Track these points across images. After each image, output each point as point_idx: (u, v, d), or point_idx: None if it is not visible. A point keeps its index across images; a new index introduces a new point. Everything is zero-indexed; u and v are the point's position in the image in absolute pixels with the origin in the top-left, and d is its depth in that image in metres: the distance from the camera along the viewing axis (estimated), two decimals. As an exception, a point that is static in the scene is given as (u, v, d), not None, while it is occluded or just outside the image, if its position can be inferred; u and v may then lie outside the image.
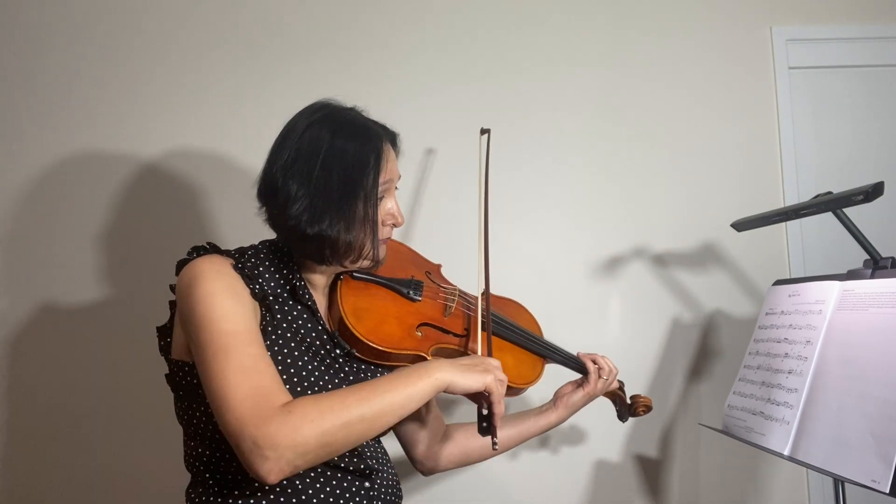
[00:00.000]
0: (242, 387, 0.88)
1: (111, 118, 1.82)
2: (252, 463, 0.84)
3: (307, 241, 1.04)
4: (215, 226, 1.81)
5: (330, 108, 1.11)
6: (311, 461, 0.88)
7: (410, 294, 1.19)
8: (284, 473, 0.85)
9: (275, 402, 0.87)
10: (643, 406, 1.43)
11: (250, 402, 0.86)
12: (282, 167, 1.04)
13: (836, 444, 1.09)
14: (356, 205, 1.05)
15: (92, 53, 1.84)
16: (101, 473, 1.74)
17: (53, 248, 1.78)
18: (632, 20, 1.93)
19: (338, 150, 1.05)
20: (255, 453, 0.84)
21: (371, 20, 1.89)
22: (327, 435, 0.87)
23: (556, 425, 1.37)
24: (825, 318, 1.23)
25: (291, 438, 0.84)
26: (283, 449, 0.84)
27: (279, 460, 0.84)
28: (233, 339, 0.92)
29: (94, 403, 1.76)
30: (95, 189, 1.80)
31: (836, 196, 1.27)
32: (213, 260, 1.02)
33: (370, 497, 1.06)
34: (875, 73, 1.97)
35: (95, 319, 1.77)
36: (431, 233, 1.83)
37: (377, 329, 1.10)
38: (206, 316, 0.94)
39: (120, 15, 1.85)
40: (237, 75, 1.85)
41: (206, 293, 0.95)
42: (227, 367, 0.89)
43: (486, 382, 1.00)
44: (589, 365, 1.35)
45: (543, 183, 1.88)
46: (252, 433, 0.84)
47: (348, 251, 1.07)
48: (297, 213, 1.02)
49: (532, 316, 1.43)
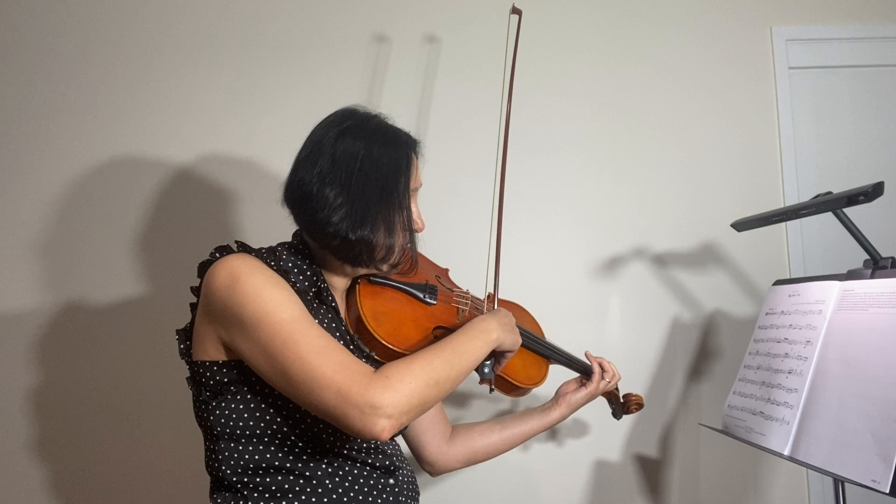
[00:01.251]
0: (328, 364, 0.91)
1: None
2: (365, 425, 0.89)
3: (349, 245, 1.06)
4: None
5: (358, 116, 1.13)
6: (412, 417, 0.95)
7: (426, 298, 1.21)
8: (395, 429, 0.91)
9: (364, 370, 0.92)
10: (635, 404, 1.49)
11: (343, 374, 0.91)
12: (318, 175, 1.06)
13: (836, 443, 1.09)
14: (393, 210, 1.08)
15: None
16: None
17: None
18: (631, 20, 1.93)
19: (374, 158, 1.08)
20: (368, 414, 0.89)
21: (369, 18, 1.89)
22: (423, 393, 0.94)
23: (558, 422, 1.42)
24: (825, 318, 1.23)
25: (397, 400, 0.90)
26: (391, 407, 0.90)
27: (390, 418, 0.90)
28: (295, 325, 0.94)
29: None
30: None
31: (836, 196, 1.27)
32: (246, 257, 1.02)
33: (395, 493, 1.08)
34: (875, 73, 1.97)
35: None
36: (439, 234, 1.83)
37: (396, 332, 1.12)
38: (259, 310, 0.95)
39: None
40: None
41: (252, 288, 0.96)
42: (304, 351, 0.92)
43: (518, 345, 1.16)
44: (595, 366, 1.42)
45: (543, 183, 1.88)
46: (358, 400, 0.89)
47: (388, 255, 1.10)
48: (339, 220, 1.05)
49: (534, 319, 1.46)
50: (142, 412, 1.76)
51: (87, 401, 1.76)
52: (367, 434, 0.90)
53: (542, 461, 1.82)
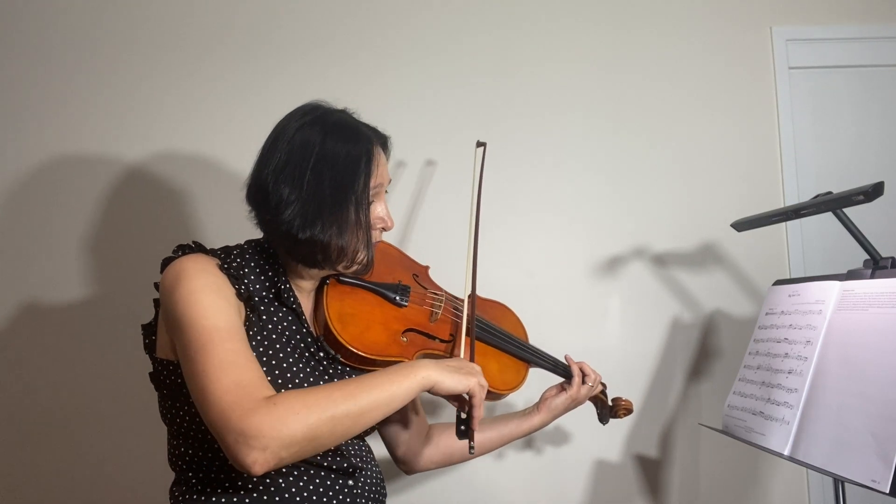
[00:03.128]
0: (224, 381, 0.87)
1: (97, 120, 1.81)
2: (237, 454, 0.83)
3: (299, 245, 1.04)
4: (201, 228, 1.80)
5: (321, 111, 1.10)
6: (297, 454, 0.87)
7: (397, 299, 1.18)
8: (270, 465, 0.84)
9: (258, 395, 0.86)
10: (624, 409, 1.44)
11: (232, 396, 0.85)
12: (273, 171, 1.04)
13: (836, 444, 1.09)
14: (348, 209, 1.04)
15: (80, 57, 1.83)
16: (86, 472, 1.74)
17: (37, 250, 1.78)
18: (631, 20, 1.93)
19: (329, 154, 1.04)
20: (241, 443, 0.83)
21: (362, 23, 1.88)
22: (313, 428, 0.86)
23: (538, 428, 1.37)
24: (825, 318, 1.23)
25: (277, 430, 0.83)
26: (268, 439, 0.83)
27: (265, 451, 0.83)
28: (214, 335, 0.91)
29: (80, 403, 1.75)
30: (81, 191, 1.79)
31: (836, 196, 1.27)
32: (198, 259, 1.01)
33: (353, 495, 1.06)
34: (875, 73, 1.97)
35: (80, 319, 1.76)
36: (422, 230, 1.83)
37: (362, 336, 1.09)
38: (187, 314, 0.93)
39: (109, 19, 1.84)
40: (226, 78, 1.84)
41: (188, 291, 0.95)
42: (209, 362, 0.89)
43: (470, 385, 1.01)
44: (574, 369, 1.35)
45: (543, 183, 1.88)
46: (237, 425, 0.83)
47: (341, 256, 1.06)
48: (289, 218, 1.02)
49: (518, 318, 1.41)
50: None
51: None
52: (238, 464, 0.84)
53: (542, 461, 1.82)
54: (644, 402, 1.83)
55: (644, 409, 1.83)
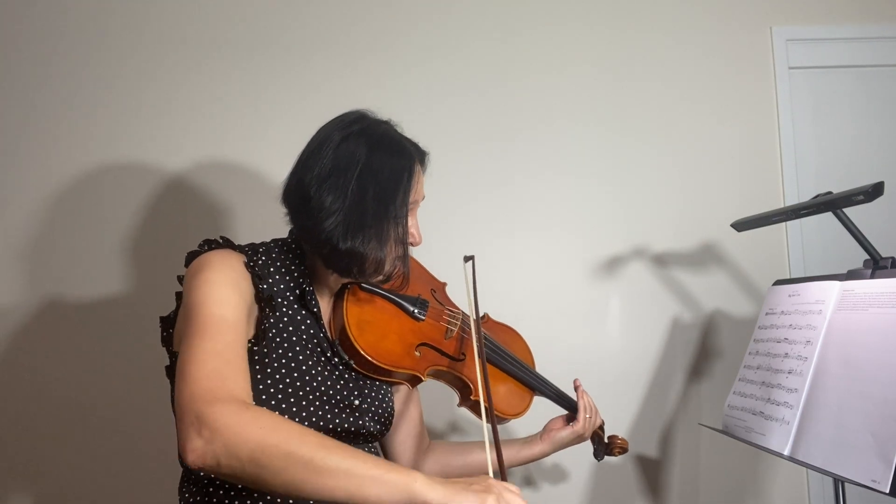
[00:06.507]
0: (208, 366, 0.84)
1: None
2: (184, 437, 0.78)
3: (338, 254, 1.04)
4: (230, 224, 1.81)
5: (366, 122, 1.10)
6: (234, 470, 0.78)
7: (416, 313, 1.18)
8: (205, 461, 0.77)
9: (234, 391, 0.83)
10: (619, 448, 1.42)
11: (209, 382, 0.82)
12: (316, 177, 1.04)
13: (836, 444, 1.09)
14: (388, 223, 1.05)
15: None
16: (104, 467, 1.74)
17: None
18: (631, 21, 1.93)
19: (374, 167, 1.04)
20: (192, 427, 0.78)
21: (380, 25, 1.89)
22: (265, 452, 0.76)
23: (539, 458, 1.34)
24: (825, 318, 1.23)
25: (232, 430, 0.77)
26: (218, 434, 0.77)
27: (210, 443, 0.77)
28: (217, 324, 0.90)
29: (100, 400, 1.76)
30: (110, 193, 1.80)
31: (836, 196, 1.26)
32: (224, 254, 1.01)
33: None
34: (875, 73, 1.97)
35: (101, 318, 1.77)
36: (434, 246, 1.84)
37: (377, 344, 1.09)
38: (198, 299, 0.93)
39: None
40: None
41: (206, 280, 0.95)
42: (200, 345, 0.86)
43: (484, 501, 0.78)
44: (580, 401, 1.33)
45: (544, 183, 1.88)
46: (200, 408, 0.79)
47: (378, 269, 1.06)
48: (331, 227, 1.02)
49: (527, 346, 1.42)
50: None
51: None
52: (180, 447, 0.79)
53: (542, 461, 1.82)
54: (644, 402, 1.84)
55: (644, 409, 1.83)
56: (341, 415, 1.05)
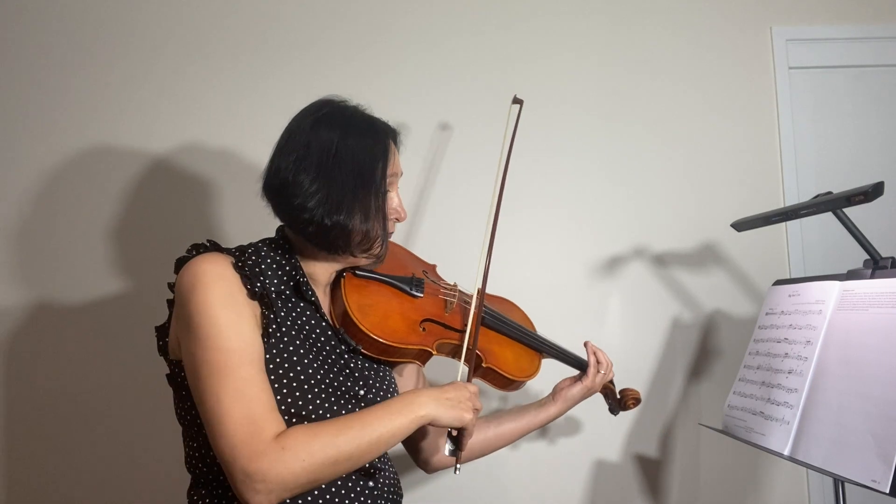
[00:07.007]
0: (236, 413, 0.91)
1: (117, 114, 1.82)
2: (242, 493, 0.90)
3: (325, 231, 1.06)
4: (221, 221, 1.81)
5: (334, 105, 1.13)
6: (298, 493, 0.94)
7: (412, 291, 1.20)
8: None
9: (268, 434, 0.91)
10: (632, 399, 1.45)
11: (243, 432, 0.90)
12: (294, 162, 1.06)
13: (836, 443, 1.09)
14: (370, 196, 1.08)
15: (97, 50, 1.84)
16: (101, 472, 1.74)
17: (57, 245, 1.78)
18: (631, 21, 1.93)
19: (350, 143, 1.08)
20: (246, 485, 0.89)
21: (374, 16, 1.89)
22: (316, 472, 0.92)
23: (555, 418, 1.40)
24: (825, 318, 1.23)
25: (282, 477, 0.90)
26: (272, 484, 0.89)
27: (269, 494, 0.90)
28: (231, 359, 0.93)
29: (97, 402, 1.76)
30: (101, 186, 1.80)
31: (836, 196, 1.27)
32: (213, 260, 1.01)
33: (374, 496, 1.06)
34: (875, 73, 1.97)
35: (99, 316, 1.77)
36: (432, 229, 1.84)
37: (382, 324, 1.11)
38: (203, 330, 0.94)
39: (124, 11, 1.85)
40: (243, 70, 1.85)
41: (205, 303, 0.96)
42: (222, 389, 0.92)
43: (465, 421, 1.06)
44: (590, 358, 1.38)
45: (544, 183, 1.88)
46: (244, 466, 0.89)
47: (363, 242, 1.09)
48: (315, 206, 1.04)
49: (525, 314, 1.45)
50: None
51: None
52: (242, 499, 0.91)
53: (542, 461, 1.82)
54: (644, 402, 1.83)
55: (644, 409, 1.83)
56: (347, 405, 1.06)
